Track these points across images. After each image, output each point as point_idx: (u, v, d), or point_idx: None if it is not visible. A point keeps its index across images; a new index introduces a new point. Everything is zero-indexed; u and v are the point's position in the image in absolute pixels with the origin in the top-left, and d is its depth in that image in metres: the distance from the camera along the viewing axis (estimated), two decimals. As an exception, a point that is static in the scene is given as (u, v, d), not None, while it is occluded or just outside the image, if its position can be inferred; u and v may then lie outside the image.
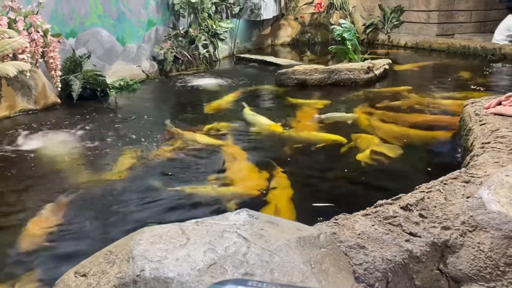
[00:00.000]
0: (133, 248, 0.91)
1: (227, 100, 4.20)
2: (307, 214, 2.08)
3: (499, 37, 6.26)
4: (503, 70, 5.39)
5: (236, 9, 6.68)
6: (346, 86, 4.53)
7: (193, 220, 1.04)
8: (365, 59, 5.29)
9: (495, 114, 2.42)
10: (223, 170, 2.57)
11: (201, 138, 3.09)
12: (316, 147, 2.88)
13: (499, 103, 2.51)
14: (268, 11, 7.21)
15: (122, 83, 4.65)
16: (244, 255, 0.90)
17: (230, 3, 6.47)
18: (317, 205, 2.15)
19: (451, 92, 4.27)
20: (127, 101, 4.33)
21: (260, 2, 6.84)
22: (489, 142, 2.04)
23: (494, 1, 7.28)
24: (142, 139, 3.11)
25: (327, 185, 2.41)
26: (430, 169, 2.56)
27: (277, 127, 3.28)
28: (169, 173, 2.55)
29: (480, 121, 2.39)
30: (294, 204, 2.18)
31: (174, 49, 5.48)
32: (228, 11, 6.64)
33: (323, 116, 3.54)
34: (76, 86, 4.03)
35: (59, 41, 4.00)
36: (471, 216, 1.33)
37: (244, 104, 3.92)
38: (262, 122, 3.42)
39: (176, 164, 2.68)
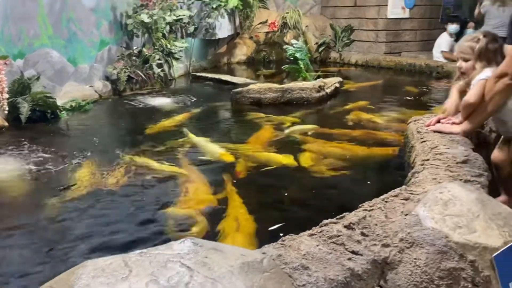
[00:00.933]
0: (74, 283, 0.91)
1: (178, 119, 4.20)
2: (261, 236, 2.11)
3: (435, 54, 6.66)
4: (447, 86, 5.70)
5: (191, 29, 6.72)
6: (299, 104, 4.65)
7: (137, 251, 1.05)
8: (318, 77, 5.46)
9: (435, 131, 2.56)
10: (174, 195, 2.56)
11: (150, 162, 3.05)
12: (268, 169, 2.92)
13: (438, 121, 2.66)
14: (223, 30, 7.30)
15: (73, 104, 4.55)
16: (186, 285, 0.92)
17: (184, 23, 6.51)
18: (271, 228, 2.18)
19: (398, 108, 4.47)
20: (78, 123, 4.24)
21: (214, 21, 6.92)
22: (428, 159, 2.16)
23: (436, 21, 7.73)
24: (91, 163, 3.05)
25: (280, 205, 2.46)
26: (374, 186, 2.67)
27: (228, 157, 3.14)
28: (117, 201, 2.52)
29: (421, 138, 2.52)
30: (250, 226, 2.20)
31: (127, 69, 5.44)
32: (183, 30, 6.67)
33: (286, 131, 3.66)
34: (24, 108, 3.92)
35: (5, 63, 3.88)
36: (408, 233, 1.41)
37: (186, 131, 3.77)
38: (212, 150, 3.28)
39: (126, 191, 2.65)
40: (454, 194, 1.51)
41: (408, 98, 5.06)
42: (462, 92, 2.62)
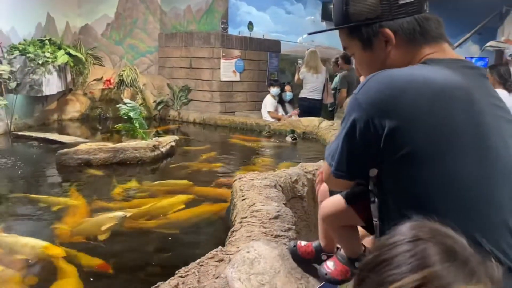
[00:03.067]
0: None
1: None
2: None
3: (264, 114, 7.36)
4: (277, 142, 6.24)
5: (13, 85, 6.14)
6: (132, 164, 4.54)
7: None
8: (156, 134, 5.46)
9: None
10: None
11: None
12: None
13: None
14: (51, 86, 6.85)
15: None
16: None
17: (4, 78, 5.93)
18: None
19: (234, 167, 4.71)
20: None
21: (41, 78, 6.45)
22: (246, 217, 2.29)
23: (264, 85, 8.54)
24: None
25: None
26: (197, 250, 2.67)
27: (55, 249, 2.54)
28: None
29: (242, 196, 2.68)
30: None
31: None
32: (3, 86, 6.05)
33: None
34: None
35: None
36: (217, 296, 1.45)
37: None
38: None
39: None
40: (260, 252, 1.62)
41: (244, 156, 5.37)
42: None
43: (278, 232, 2.05)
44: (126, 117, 5.26)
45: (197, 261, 1.73)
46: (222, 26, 8.41)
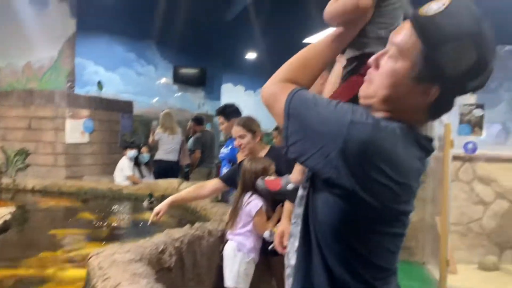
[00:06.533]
0: None
1: None
2: None
3: (118, 178, 6.90)
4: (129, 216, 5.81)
5: None
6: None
7: None
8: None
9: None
10: None
11: None
12: None
13: None
14: None
15: None
16: None
17: None
18: None
19: (82, 242, 4.17)
20: None
21: None
22: (110, 301, 1.98)
23: (116, 146, 8.09)
24: None
25: None
26: None
27: None
28: None
29: (103, 275, 2.33)
30: None
31: None
32: None
33: None
34: None
35: None
36: None
37: None
38: None
39: None
40: None
41: (93, 227, 4.83)
42: None
43: (152, 315, 1.79)
44: None
45: None
46: (68, 84, 7.82)
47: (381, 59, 1.15)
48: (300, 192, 1.29)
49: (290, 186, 1.74)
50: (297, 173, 1.57)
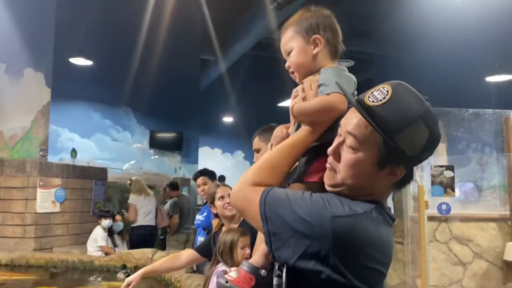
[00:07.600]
0: None
1: None
2: None
3: (91, 248, 6.63)
4: None
5: None
6: None
7: None
8: None
9: None
10: None
11: None
12: None
13: None
14: None
15: None
16: None
17: None
18: None
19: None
20: None
21: None
22: None
23: (88, 215, 7.85)
24: None
25: None
26: None
27: None
28: None
29: None
30: None
31: None
32: None
33: None
34: None
35: None
36: None
37: None
38: None
39: None
40: None
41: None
42: None
43: None
44: None
45: None
46: (40, 153, 7.69)
47: (340, 149, 1.17)
48: (276, 281, 1.24)
49: (263, 273, 1.53)
50: (259, 256, 1.41)
